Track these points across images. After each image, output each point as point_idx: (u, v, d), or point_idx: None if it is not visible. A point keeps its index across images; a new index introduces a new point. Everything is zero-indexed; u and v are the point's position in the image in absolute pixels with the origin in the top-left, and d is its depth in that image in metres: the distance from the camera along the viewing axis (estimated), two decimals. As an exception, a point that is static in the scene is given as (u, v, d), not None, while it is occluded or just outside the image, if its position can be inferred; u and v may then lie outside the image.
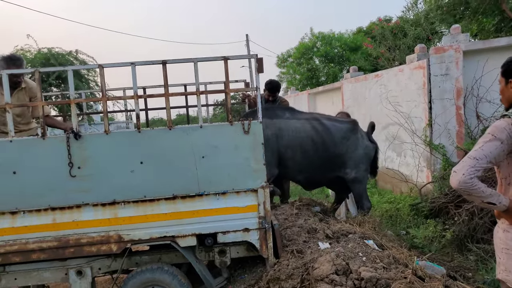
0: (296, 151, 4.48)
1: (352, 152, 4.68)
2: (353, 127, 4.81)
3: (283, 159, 4.48)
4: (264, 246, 3.33)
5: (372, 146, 4.90)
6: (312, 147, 4.53)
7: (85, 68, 3.55)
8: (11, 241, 3.27)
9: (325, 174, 4.74)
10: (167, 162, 3.28)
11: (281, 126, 4.50)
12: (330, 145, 4.59)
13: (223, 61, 3.26)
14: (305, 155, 4.51)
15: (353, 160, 4.68)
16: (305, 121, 4.63)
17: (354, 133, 4.77)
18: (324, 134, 4.59)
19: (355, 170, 4.69)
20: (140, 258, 3.57)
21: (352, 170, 4.68)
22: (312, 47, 17.78)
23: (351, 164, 4.67)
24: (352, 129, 4.78)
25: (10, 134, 3.20)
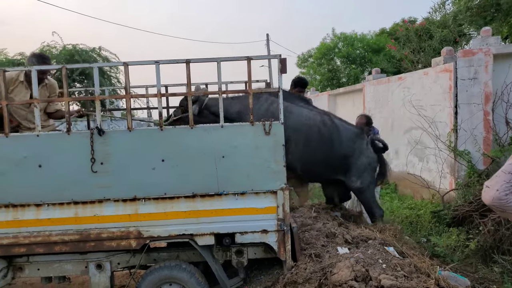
0: (300, 136, 4.27)
1: (357, 158, 4.49)
2: (360, 133, 4.63)
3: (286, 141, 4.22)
4: (282, 249, 3.31)
5: (375, 158, 4.69)
6: (317, 137, 4.31)
7: (110, 65, 3.61)
8: (35, 233, 3.34)
9: (325, 171, 4.52)
10: (188, 160, 3.30)
11: (292, 110, 4.30)
12: (336, 142, 4.39)
13: (246, 61, 3.25)
14: (308, 143, 4.32)
15: (358, 167, 4.49)
16: (316, 113, 4.48)
17: (361, 139, 4.58)
18: (332, 129, 4.38)
19: (360, 179, 4.49)
20: (158, 254, 3.60)
21: (358, 179, 4.49)
22: (333, 48, 17.65)
23: (355, 171, 4.48)
24: (359, 134, 4.60)
25: (37, 129, 3.27)
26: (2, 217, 3.35)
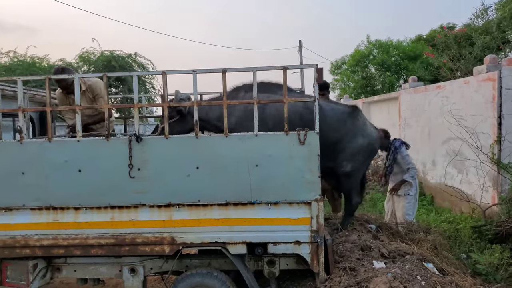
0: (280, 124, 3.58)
1: (350, 140, 3.98)
2: (352, 112, 4.10)
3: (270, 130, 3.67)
4: (315, 261, 3.25)
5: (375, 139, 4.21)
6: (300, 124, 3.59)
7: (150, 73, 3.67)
8: (73, 235, 3.45)
9: None
10: (222, 168, 3.31)
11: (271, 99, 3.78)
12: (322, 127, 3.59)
13: (282, 70, 3.23)
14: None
15: (351, 150, 3.98)
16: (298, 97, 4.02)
17: (353, 118, 4.07)
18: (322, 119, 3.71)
19: (351, 163, 4.00)
20: (190, 261, 3.63)
21: (349, 163, 4.00)
22: (368, 55, 17.33)
23: (346, 155, 3.98)
24: (351, 113, 4.06)
25: (78, 135, 3.38)
26: (43, 218, 3.48)
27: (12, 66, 14.10)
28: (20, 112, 3.44)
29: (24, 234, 3.49)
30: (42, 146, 3.42)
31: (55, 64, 14.90)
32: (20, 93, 3.45)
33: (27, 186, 3.44)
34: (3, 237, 3.50)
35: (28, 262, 3.53)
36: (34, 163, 3.43)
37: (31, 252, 3.50)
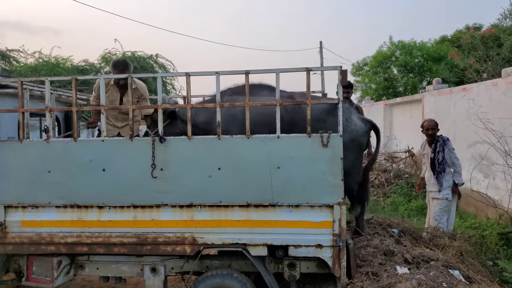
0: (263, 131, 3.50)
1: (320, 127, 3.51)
2: (332, 108, 3.65)
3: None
4: (337, 265, 3.20)
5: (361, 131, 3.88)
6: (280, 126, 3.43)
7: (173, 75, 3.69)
8: (96, 233, 3.50)
9: None
10: (243, 170, 3.30)
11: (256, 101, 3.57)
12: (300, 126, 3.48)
13: (306, 72, 3.21)
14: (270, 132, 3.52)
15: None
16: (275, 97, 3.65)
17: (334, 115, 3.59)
18: (294, 113, 3.67)
19: None
20: (210, 262, 3.63)
21: None
22: (390, 56, 17.06)
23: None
24: (331, 110, 3.66)
25: (103, 134, 3.44)
26: (68, 216, 3.55)
27: (37, 67, 14.49)
28: (47, 112, 3.52)
29: (49, 231, 3.57)
30: (68, 146, 3.49)
31: (78, 65, 15.24)
32: (47, 93, 3.53)
33: (53, 184, 3.52)
34: (30, 233, 3.59)
35: (53, 259, 3.60)
36: (60, 162, 3.50)
37: (56, 249, 3.57)
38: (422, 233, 4.31)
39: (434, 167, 5.31)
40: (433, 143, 5.33)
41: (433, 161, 5.32)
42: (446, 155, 5.24)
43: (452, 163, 5.26)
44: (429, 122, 5.48)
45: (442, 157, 5.23)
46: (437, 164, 5.26)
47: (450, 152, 5.25)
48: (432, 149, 5.34)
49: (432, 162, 5.33)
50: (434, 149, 5.31)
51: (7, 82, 3.73)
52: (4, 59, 14.65)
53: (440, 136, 5.37)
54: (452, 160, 5.24)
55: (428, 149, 5.44)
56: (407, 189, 8.86)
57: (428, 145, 5.45)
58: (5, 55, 14.46)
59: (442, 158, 5.24)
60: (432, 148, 5.35)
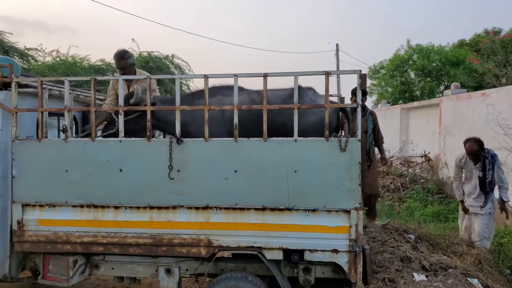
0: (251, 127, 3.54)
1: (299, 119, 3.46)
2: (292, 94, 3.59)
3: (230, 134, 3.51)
4: (353, 270, 3.16)
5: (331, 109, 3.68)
6: (249, 120, 3.59)
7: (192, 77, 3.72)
8: (112, 233, 3.52)
9: None
10: (260, 173, 3.28)
11: (224, 102, 3.75)
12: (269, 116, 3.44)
13: (324, 75, 3.18)
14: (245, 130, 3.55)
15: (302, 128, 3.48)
16: (246, 95, 3.90)
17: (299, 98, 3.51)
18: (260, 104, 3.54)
19: None
20: (225, 264, 3.62)
21: None
22: (407, 60, 16.88)
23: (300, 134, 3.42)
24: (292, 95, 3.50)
25: (121, 135, 3.46)
26: (84, 216, 3.57)
27: (55, 65, 14.69)
28: (66, 112, 3.56)
29: (65, 230, 3.60)
30: (85, 145, 3.52)
31: (95, 64, 15.42)
32: (66, 93, 3.57)
33: (70, 183, 3.55)
34: (46, 232, 3.63)
35: (69, 258, 3.63)
36: (77, 162, 3.53)
37: (72, 248, 3.60)
38: (439, 240, 4.23)
39: (484, 187, 4.94)
40: (480, 160, 4.98)
41: (483, 181, 4.95)
42: (495, 173, 4.92)
43: (499, 179, 4.95)
44: (470, 146, 4.99)
45: (492, 176, 4.91)
46: (487, 183, 4.92)
47: (499, 168, 4.94)
48: (480, 166, 4.98)
49: (482, 182, 4.96)
50: (482, 167, 4.95)
51: (27, 82, 3.78)
52: (23, 57, 14.89)
53: (488, 152, 4.98)
54: (499, 176, 4.94)
55: (472, 166, 5.08)
56: (423, 194, 8.74)
57: (473, 162, 5.07)
58: (24, 54, 14.70)
59: (492, 177, 4.91)
60: (479, 165, 4.99)
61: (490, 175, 4.91)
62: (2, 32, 14.69)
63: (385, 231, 4.24)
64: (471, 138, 5.13)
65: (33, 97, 3.96)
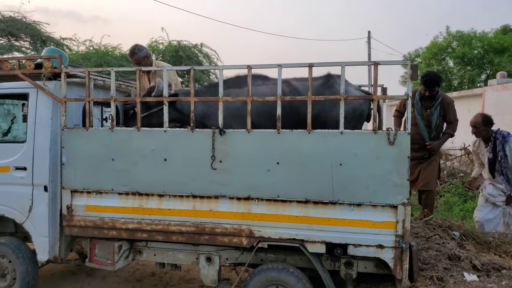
0: (266, 119, 3.61)
1: (329, 110, 3.68)
2: (326, 82, 3.85)
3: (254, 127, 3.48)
4: (398, 267, 3.09)
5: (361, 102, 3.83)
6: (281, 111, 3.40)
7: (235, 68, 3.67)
8: (156, 221, 3.59)
9: None
10: (303, 165, 3.25)
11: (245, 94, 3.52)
12: (301, 106, 3.50)
13: (373, 66, 3.09)
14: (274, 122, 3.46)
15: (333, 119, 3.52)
16: (273, 86, 3.78)
17: (328, 88, 3.79)
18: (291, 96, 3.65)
19: None
20: (265, 255, 3.63)
21: None
22: (446, 47, 16.23)
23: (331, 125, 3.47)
24: (325, 83, 3.81)
25: (165, 125, 3.50)
26: (130, 203, 3.66)
27: (88, 55, 15.06)
28: (112, 102, 3.64)
29: (111, 217, 3.71)
30: (131, 135, 3.59)
31: (126, 53, 15.70)
32: (113, 84, 3.64)
33: (116, 171, 3.64)
34: (93, 218, 3.75)
35: (114, 243, 3.75)
36: (123, 150, 3.61)
37: (117, 234, 3.71)
38: (487, 238, 4.07)
39: (493, 169, 4.72)
40: (490, 141, 4.72)
41: (492, 163, 4.72)
42: (509, 154, 4.61)
43: None
44: (474, 118, 4.80)
45: (502, 157, 4.62)
46: (498, 165, 4.66)
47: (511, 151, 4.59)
48: (490, 148, 4.73)
49: (491, 164, 4.74)
50: (493, 148, 4.70)
51: (76, 72, 3.87)
52: (58, 47, 15.31)
53: (499, 132, 4.71)
54: None
55: (484, 149, 4.85)
56: (462, 188, 8.45)
57: (484, 144, 4.84)
58: (59, 43, 15.12)
59: (503, 159, 4.62)
60: (490, 147, 4.74)
61: (500, 156, 4.63)
62: (39, 23, 15.16)
63: (428, 226, 4.12)
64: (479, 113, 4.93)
65: (79, 86, 4.07)
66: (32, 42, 14.81)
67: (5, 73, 3.95)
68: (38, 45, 14.60)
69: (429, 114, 4.83)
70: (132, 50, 4.81)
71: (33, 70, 3.84)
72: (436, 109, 4.81)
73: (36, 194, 3.88)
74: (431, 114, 4.82)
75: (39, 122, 3.89)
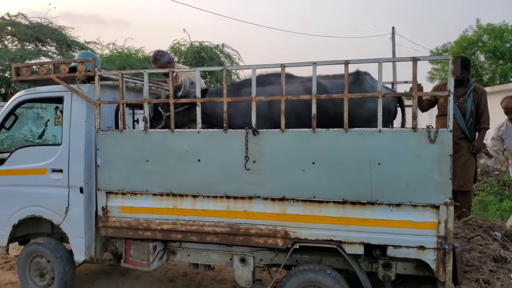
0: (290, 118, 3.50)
1: (358, 108, 3.62)
2: (355, 79, 3.77)
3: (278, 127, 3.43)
4: (441, 269, 2.98)
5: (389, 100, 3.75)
6: (307, 111, 3.43)
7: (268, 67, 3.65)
8: (191, 222, 3.60)
9: None
10: (340, 165, 3.18)
11: (273, 92, 3.67)
12: (329, 105, 3.53)
13: (412, 61, 2.99)
14: (300, 122, 3.56)
15: (362, 117, 3.62)
16: (299, 84, 3.80)
17: (358, 85, 3.73)
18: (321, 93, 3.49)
19: None
20: (300, 256, 3.58)
21: None
22: (476, 41, 15.72)
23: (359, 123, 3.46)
24: (355, 81, 3.73)
25: (198, 126, 3.50)
26: (164, 204, 3.68)
27: (112, 57, 15.37)
28: (145, 103, 3.66)
29: (146, 218, 3.73)
30: (165, 136, 3.61)
31: (149, 55, 15.94)
32: (146, 85, 3.66)
33: (150, 173, 3.67)
34: (128, 219, 3.79)
35: (149, 244, 3.77)
36: (157, 152, 3.63)
37: (152, 235, 3.73)
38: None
39: None
40: None
41: None
42: None
43: None
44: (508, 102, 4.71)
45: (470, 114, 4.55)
46: None
47: None
48: None
49: None
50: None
51: (109, 75, 3.92)
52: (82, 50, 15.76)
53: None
54: None
55: None
56: (498, 187, 8.14)
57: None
58: (84, 47, 15.52)
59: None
60: None
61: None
62: (64, 28, 15.59)
63: (467, 227, 3.98)
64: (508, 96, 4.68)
65: (111, 89, 4.13)
66: (58, 47, 15.27)
67: (41, 77, 4.04)
68: (64, 49, 15.02)
69: (461, 102, 4.69)
70: (154, 57, 4.86)
71: (68, 74, 3.92)
72: (469, 96, 4.69)
73: (72, 195, 3.96)
74: (464, 102, 4.69)
75: (74, 125, 3.96)
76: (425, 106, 4.93)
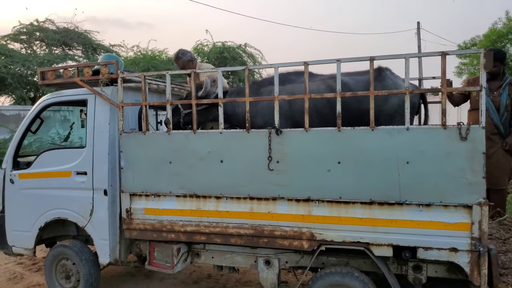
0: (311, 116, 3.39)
1: (381, 105, 3.52)
2: (378, 76, 3.62)
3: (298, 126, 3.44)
4: (475, 272, 2.85)
5: None
6: (329, 109, 3.47)
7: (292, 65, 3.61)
8: (214, 223, 3.56)
9: None
10: (367, 164, 3.08)
11: (293, 91, 3.63)
12: (352, 102, 3.46)
13: (440, 56, 2.87)
14: (322, 120, 3.51)
15: (385, 113, 3.55)
16: (320, 82, 3.73)
17: (380, 81, 3.61)
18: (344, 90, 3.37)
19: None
20: (326, 258, 3.49)
21: None
22: (506, 34, 15.15)
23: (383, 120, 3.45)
24: (376, 77, 3.51)
25: (220, 127, 3.47)
26: (188, 206, 3.66)
27: (136, 60, 15.59)
28: (168, 105, 3.65)
29: (170, 220, 3.72)
30: (187, 138, 3.59)
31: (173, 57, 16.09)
32: (168, 87, 3.66)
33: (173, 174, 3.66)
34: (152, 221, 3.79)
35: (173, 246, 3.76)
36: (180, 153, 3.62)
37: (176, 237, 3.72)
38: None
39: None
40: None
41: None
42: None
43: None
44: None
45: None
46: None
47: None
48: None
49: None
50: None
51: (131, 77, 3.94)
52: (108, 53, 16.03)
53: None
54: None
55: None
56: (532, 185, 7.80)
57: None
58: (109, 50, 15.78)
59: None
60: None
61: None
62: (90, 31, 15.91)
63: (502, 227, 3.80)
64: None
65: (133, 91, 4.15)
66: (84, 51, 15.61)
67: (65, 80, 4.09)
68: (89, 53, 15.33)
69: (496, 96, 4.50)
70: (176, 55, 4.89)
71: (91, 77, 3.96)
72: (504, 90, 4.50)
73: (97, 198, 3.99)
74: (498, 95, 4.51)
75: (97, 128, 4.00)
76: (458, 101, 4.78)
